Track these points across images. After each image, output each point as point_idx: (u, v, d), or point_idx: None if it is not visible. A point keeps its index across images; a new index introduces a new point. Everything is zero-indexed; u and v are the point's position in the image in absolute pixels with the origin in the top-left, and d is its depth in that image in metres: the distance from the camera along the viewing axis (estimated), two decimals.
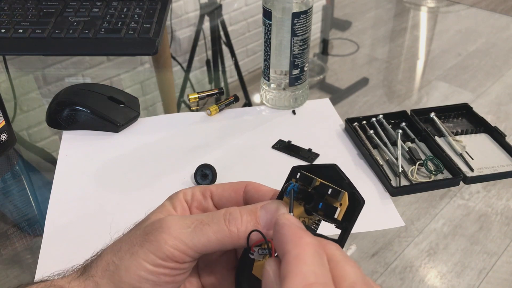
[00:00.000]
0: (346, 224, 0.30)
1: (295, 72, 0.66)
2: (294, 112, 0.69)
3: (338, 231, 0.31)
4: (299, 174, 0.31)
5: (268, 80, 0.69)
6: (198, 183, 0.57)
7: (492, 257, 0.50)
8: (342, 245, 0.29)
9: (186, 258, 0.30)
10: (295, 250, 0.25)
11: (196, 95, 0.72)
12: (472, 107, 0.68)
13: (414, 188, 0.56)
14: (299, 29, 0.63)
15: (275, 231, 0.27)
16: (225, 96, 0.73)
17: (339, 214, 0.29)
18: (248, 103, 0.75)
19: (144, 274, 0.30)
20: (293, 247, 0.25)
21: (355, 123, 0.65)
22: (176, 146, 0.64)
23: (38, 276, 0.47)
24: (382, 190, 0.56)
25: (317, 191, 0.31)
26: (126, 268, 0.30)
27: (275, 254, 0.29)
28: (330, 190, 0.30)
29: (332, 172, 0.30)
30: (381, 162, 0.59)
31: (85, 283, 0.31)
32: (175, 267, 0.30)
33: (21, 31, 0.77)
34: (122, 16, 0.81)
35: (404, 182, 0.57)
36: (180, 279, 0.31)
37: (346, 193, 0.29)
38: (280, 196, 0.32)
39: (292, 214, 0.30)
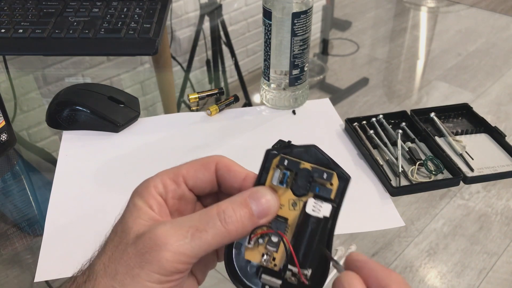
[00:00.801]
0: (337, 201, 0.32)
1: (295, 72, 0.66)
2: (294, 112, 0.69)
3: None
4: (286, 161, 0.32)
5: (268, 80, 0.69)
6: None
7: (492, 257, 0.50)
8: (335, 220, 0.32)
9: (189, 266, 0.30)
10: (395, 285, 0.27)
11: (196, 95, 0.72)
12: (472, 107, 0.68)
13: (414, 188, 0.56)
14: (299, 29, 0.63)
15: (363, 266, 0.29)
16: (225, 96, 0.73)
17: (331, 193, 0.32)
18: (248, 103, 0.75)
19: None
20: (393, 282, 0.28)
21: (355, 123, 0.65)
22: (176, 146, 0.64)
23: (38, 276, 0.47)
24: (382, 190, 0.56)
25: (305, 174, 0.32)
26: None
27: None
28: (325, 174, 0.32)
29: (313, 153, 0.33)
30: (381, 162, 0.59)
31: None
32: (179, 278, 0.30)
33: (21, 31, 0.77)
34: (122, 16, 0.81)
35: (404, 182, 0.57)
36: (183, 283, 0.31)
37: (335, 173, 0.32)
38: (258, 181, 0.33)
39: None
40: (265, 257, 0.32)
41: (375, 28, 1.00)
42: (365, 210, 0.54)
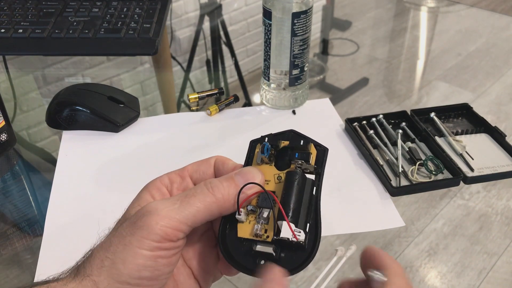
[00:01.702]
0: (318, 169, 0.35)
1: (295, 72, 0.66)
2: (294, 112, 0.69)
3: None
4: (266, 138, 0.36)
5: (268, 80, 0.69)
6: None
7: (492, 257, 0.50)
8: (320, 188, 0.35)
9: (179, 234, 0.31)
10: (395, 265, 0.31)
11: (196, 95, 0.72)
12: (472, 107, 0.68)
13: (414, 188, 0.56)
14: (299, 29, 0.63)
15: (368, 253, 0.32)
16: (225, 96, 0.73)
17: (310, 158, 0.35)
18: (248, 103, 0.75)
19: (142, 262, 0.30)
20: (394, 264, 0.31)
21: (355, 123, 0.65)
22: (176, 146, 0.64)
23: (38, 276, 0.47)
24: (382, 190, 0.56)
25: (286, 150, 0.36)
26: (122, 261, 0.30)
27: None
28: (302, 141, 0.36)
29: (292, 135, 0.37)
30: (381, 162, 0.59)
31: (82, 283, 0.30)
32: (169, 247, 0.31)
33: (21, 31, 0.77)
34: (122, 16, 0.81)
35: (404, 182, 0.57)
36: (175, 259, 0.32)
37: (312, 143, 0.36)
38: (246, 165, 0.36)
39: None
40: (256, 227, 0.33)
41: (375, 28, 1.00)
42: (365, 210, 0.54)
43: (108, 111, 0.65)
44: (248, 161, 0.36)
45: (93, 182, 0.58)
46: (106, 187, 0.57)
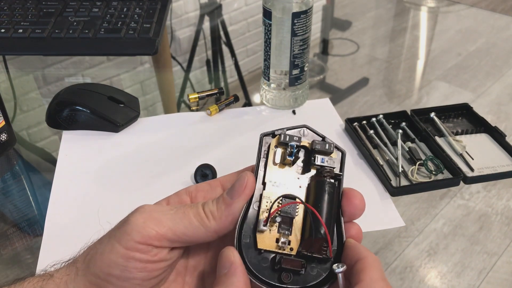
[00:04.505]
0: (340, 174, 0.33)
1: (295, 72, 0.66)
2: (294, 112, 0.69)
3: None
4: (287, 137, 0.33)
5: (268, 80, 0.69)
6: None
7: (492, 257, 0.50)
8: (341, 195, 0.33)
9: (163, 242, 0.30)
10: (372, 256, 0.29)
11: (196, 95, 0.72)
12: (472, 107, 0.68)
13: (414, 188, 0.56)
14: (299, 29, 0.63)
15: (348, 246, 0.31)
16: (225, 96, 0.73)
17: (335, 163, 0.34)
18: (248, 103, 0.75)
19: (115, 258, 0.29)
20: (371, 255, 0.29)
21: (355, 123, 0.65)
22: (176, 146, 0.64)
23: None
24: (382, 190, 0.56)
25: (306, 150, 0.34)
26: (101, 252, 0.30)
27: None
28: (327, 145, 0.33)
29: (307, 131, 0.34)
30: (381, 162, 0.59)
31: (68, 269, 0.32)
32: (147, 251, 0.29)
33: (21, 31, 0.77)
34: (122, 16, 0.81)
35: (404, 182, 0.57)
36: (152, 268, 0.30)
37: (333, 145, 0.34)
38: (257, 166, 0.33)
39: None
40: (281, 241, 0.30)
41: (375, 28, 1.00)
42: (365, 210, 0.54)
43: (108, 111, 0.65)
44: (261, 159, 0.34)
45: (93, 182, 0.58)
46: (106, 187, 0.57)
